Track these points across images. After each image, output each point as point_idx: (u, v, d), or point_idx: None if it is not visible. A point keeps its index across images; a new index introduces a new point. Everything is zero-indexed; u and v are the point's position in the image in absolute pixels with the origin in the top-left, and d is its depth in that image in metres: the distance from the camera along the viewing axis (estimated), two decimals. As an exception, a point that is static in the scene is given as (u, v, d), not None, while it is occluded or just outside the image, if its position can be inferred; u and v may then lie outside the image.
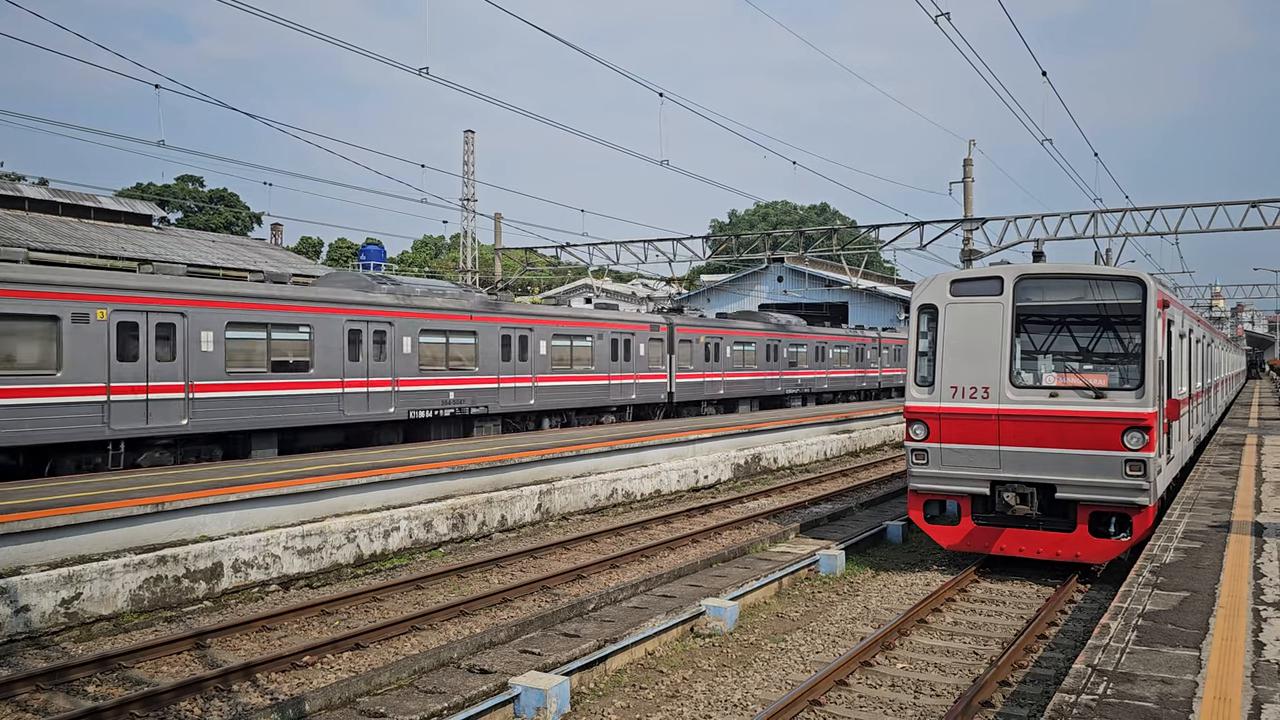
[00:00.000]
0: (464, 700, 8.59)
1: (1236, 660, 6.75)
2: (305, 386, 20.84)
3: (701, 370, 34.87)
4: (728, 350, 36.41)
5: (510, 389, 26.49)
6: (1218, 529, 11.71)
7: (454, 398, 24.63)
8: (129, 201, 48.86)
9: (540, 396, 27.61)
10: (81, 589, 10.99)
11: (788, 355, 41.07)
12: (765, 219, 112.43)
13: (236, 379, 19.45)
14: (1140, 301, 12.69)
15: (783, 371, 40.60)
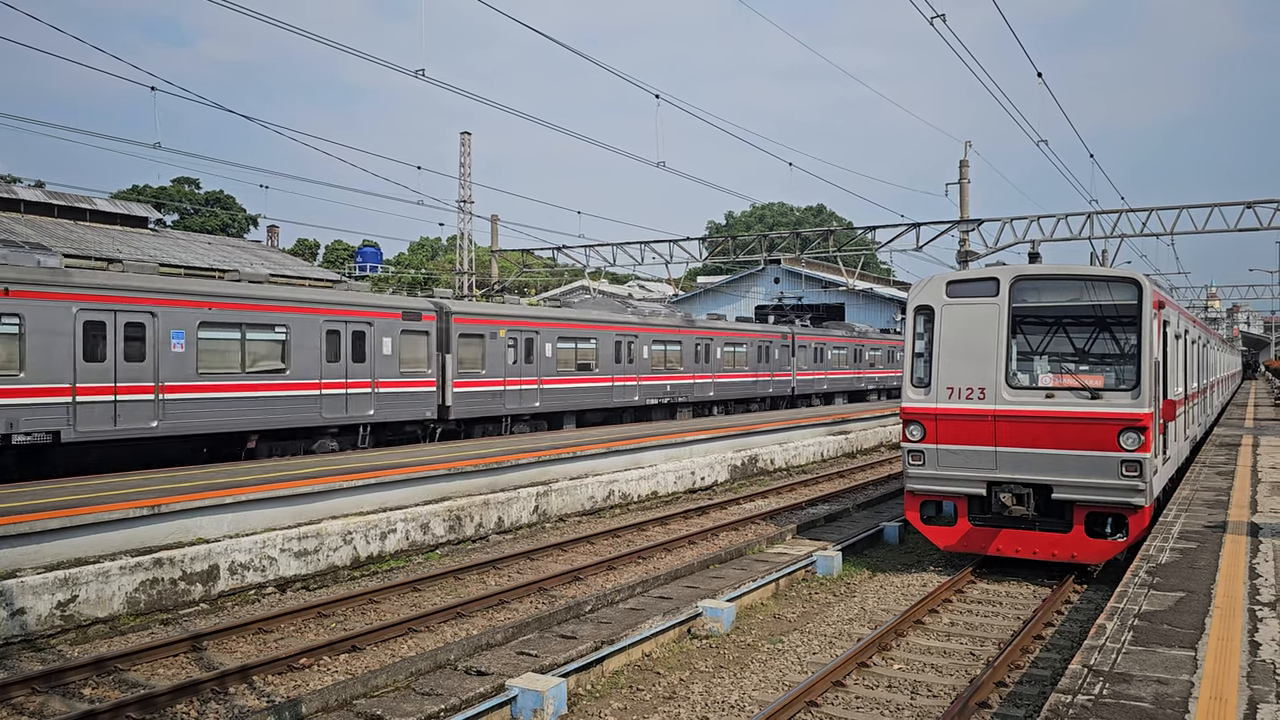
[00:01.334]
0: (461, 702, 8.58)
1: (1232, 660, 6.76)
2: None
3: (812, 369, 44.96)
4: (828, 354, 46.79)
5: (698, 384, 35.81)
6: (1213, 529, 11.73)
7: (670, 390, 34.08)
8: (125, 204, 48.81)
9: (717, 389, 37.06)
10: (77, 591, 10.98)
11: (868, 358, 51.86)
12: (762, 220, 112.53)
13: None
14: (1136, 302, 12.71)
15: (862, 370, 51.11)
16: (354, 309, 22.49)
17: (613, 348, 30.94)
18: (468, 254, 57.62)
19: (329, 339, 21.74)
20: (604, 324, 30.90)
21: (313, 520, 14.14)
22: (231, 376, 19.74)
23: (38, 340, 16.73)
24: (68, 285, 17.32)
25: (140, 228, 45.32)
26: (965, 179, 33.36)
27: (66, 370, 17.10)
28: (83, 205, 42.84)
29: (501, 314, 26.90)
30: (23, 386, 16.57)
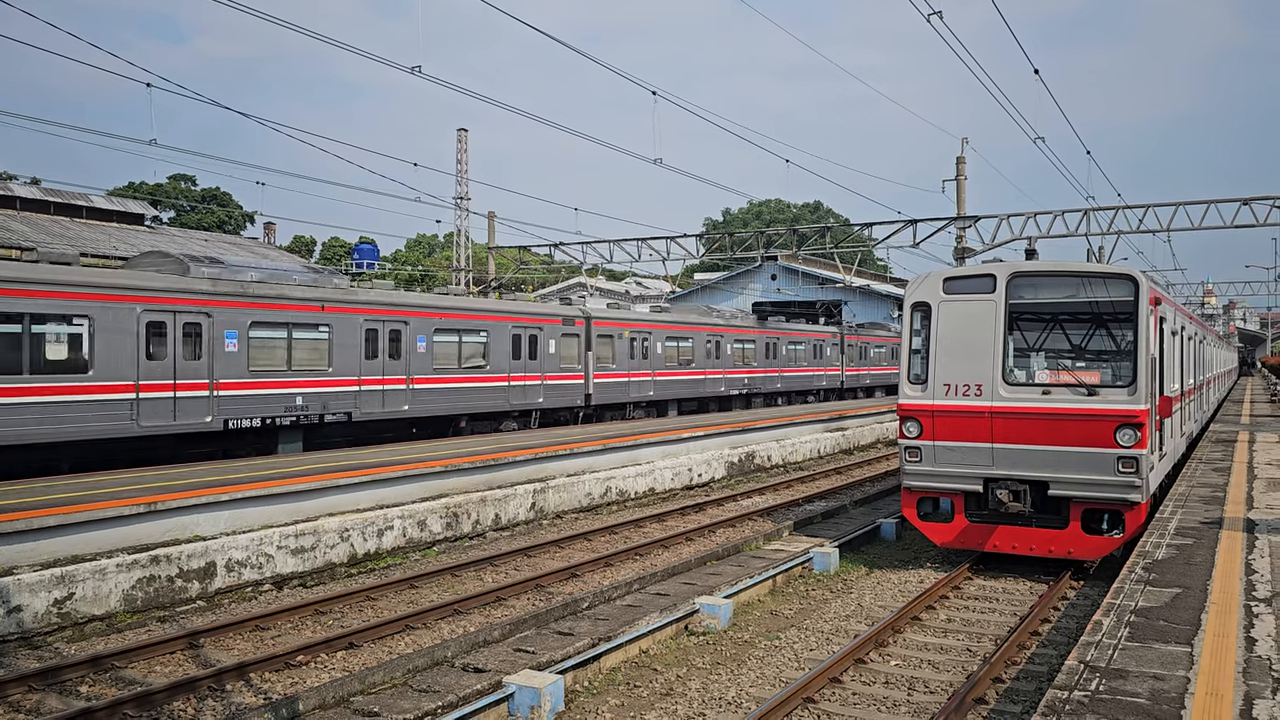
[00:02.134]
0: (458, 699, 8.59)
1: (1228, 656, 6.77)
2: None
3: (857, 365, 49.17)
4: (870, 351, 50.93)
5: (769, 377, 40.51)
6: (1210, 525, 11.75)
7: (747, 382, 38.40)
8: (121, 201, 48.76)
9: (784, 382, 42.02)
10: (74, 589, 10.97)
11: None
12: (759, 217, 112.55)
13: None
14: (1132, 299, 12.72)
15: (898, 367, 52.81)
16: (531, 317, 27.66)
17: (704, 346, 35.78)
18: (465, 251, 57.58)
19: (514, 341, 26.80)
20: (698, 325, 35.56)
21: (309, 517, 14.13)
22: (452, 371, 24.84)
23: (339, 343, 21.82)
24: (354, 301, 22.37)
25: (137, 224, 45.27)
26: (962, 176, 33.35)
27: (355, 366, 22.21)
28: (79, 202, 42.80)
29: (626, 318, 32.35)
30: (330, 379, 21.61)
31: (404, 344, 23.40)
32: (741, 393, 38.43)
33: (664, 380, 33.39)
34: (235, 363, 19.71)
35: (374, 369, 22.73)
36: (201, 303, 19.09)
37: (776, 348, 41.37)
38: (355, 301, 22.36)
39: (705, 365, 35.76)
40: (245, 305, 19.90)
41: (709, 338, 36.05)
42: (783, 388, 42.08)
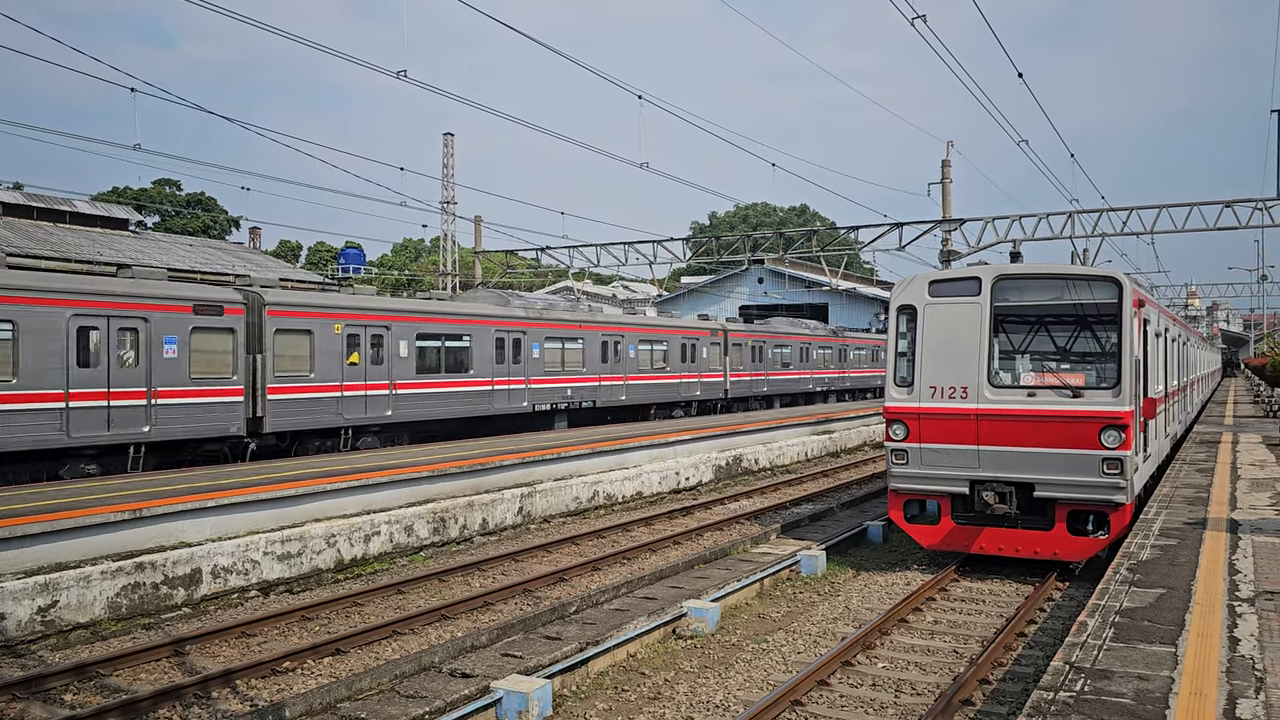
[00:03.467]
0: (446, 704, 8.56)
1: (1212, 656, 6.81)
2: None
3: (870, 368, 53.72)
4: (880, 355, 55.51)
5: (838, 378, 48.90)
6: (1194, 526, 11.82)
7: (826, 381, 47.60)
8: (105, 205, 48.47)
9: (852, 381, 50.51)
10: (58, 596, 10.89)
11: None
12: (745, 221, 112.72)
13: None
14: (1116, 301, 12.79)
15: None
16: (690, 330, 36.55)
17: (799, 352, 45.00)
18: (451, 255, 57.49)
19: (682, 349, 35.31)
20: (795, 335, 44.78)
21: (296, 523, 14.08)
22: (649, 371, 32.74)
23: (479, 349, 26.06)
24: (487, 315, 26.39)
25: (121, 230, 45.03)
26: (947, 179, 33.51)
27: (489, 367, 26.36)
28: (62, 207, 42.52)
29: (746, 330, 40.79)
30: (468, 379, 25.74)
31: (524, 350, 27.66)
32: (819, 390, 47.53)
33: (772, 379, 42.39)
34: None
35: (506, 371, 27.11)
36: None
37: (846, 352, 50.78)
38: (489, 316, 26.61)
39: (800, 367, 45.29)
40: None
41: (802, 345, 45.63)
42: (852, 385, 51.17)
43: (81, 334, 17.45)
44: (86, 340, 17.57)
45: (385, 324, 23.21)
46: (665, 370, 34.20)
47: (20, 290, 16.71)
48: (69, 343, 17.23)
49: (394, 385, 23.33)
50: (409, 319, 23.80)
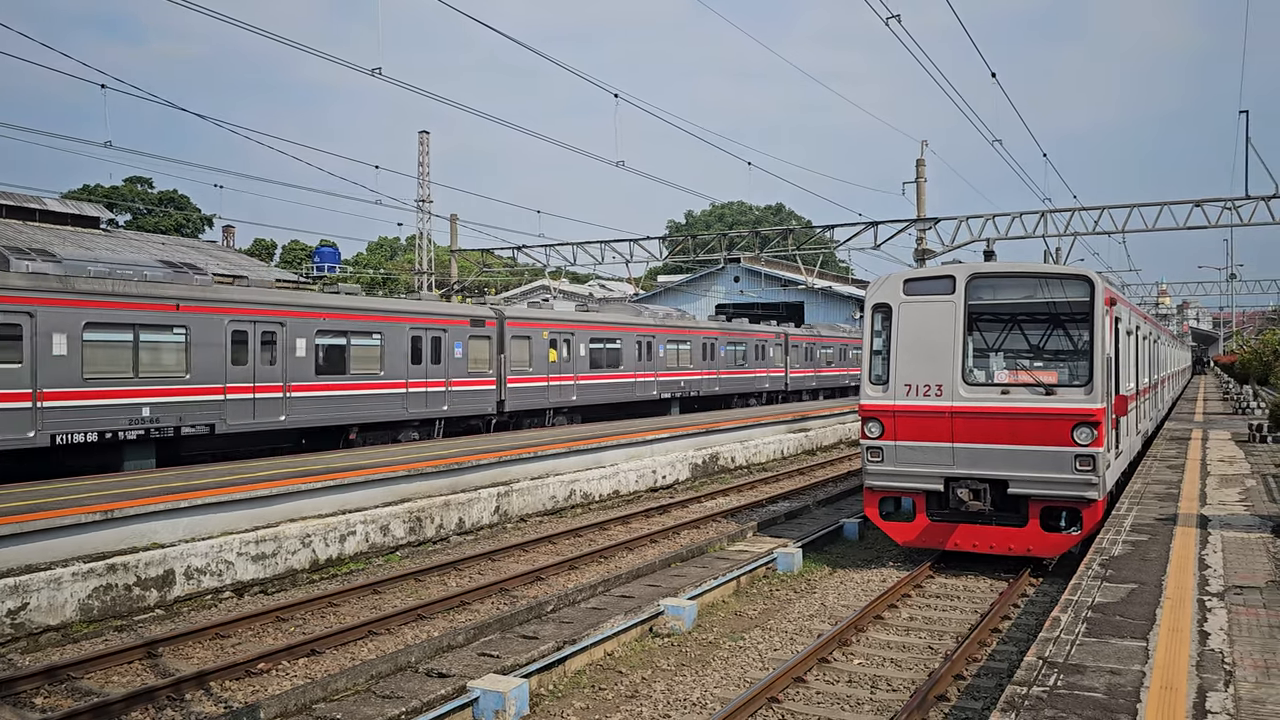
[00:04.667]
0: (422, 704, 8.54)
1: (1182, 650, 6.90)
2: None
3: None
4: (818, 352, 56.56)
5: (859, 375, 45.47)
6: (1164, 522, 11.96)
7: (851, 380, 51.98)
8: (76, 203, 47.93)
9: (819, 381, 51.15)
10: (28, 599, 10.76)
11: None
12: (721, 219, 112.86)
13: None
14: (1088, 299, 12.91)
15: None
16: (762, 334, 43.00)
17: (838, 352, 51.48)
18: (427, 254, 57.23)
19: (757, 350, 42.07)
20: (835, 338, 51.19)
21: (270, 523, 13.98)
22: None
23: (626, 350, 32.02)
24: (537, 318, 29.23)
25: (92, 228, 44.54)
26: (922, 178, 33.70)
27: (633, 364, 32.17)
28: (32, 205, 42.01)
29: (800, 333, 47.50)
30: (619, 373, 31.93)
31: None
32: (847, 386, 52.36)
33: (821, 375, 49.44)
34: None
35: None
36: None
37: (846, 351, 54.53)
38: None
39: (841, 365, 52.06)
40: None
41: (840, 347, 52.14)
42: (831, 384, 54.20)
43: (415, 341, 24.57)
44: (419, 345, 24.69)
45: (571, 331, 30.22)
46: (744, 367, 41.61)
47: (385, 311, 24.31)
48: (408, 347, 24.34)
49: (577, 378, 30.45)
50: (586, 327, 31.16)
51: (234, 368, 20.17)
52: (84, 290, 17.79)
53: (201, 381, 19.53)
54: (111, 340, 18.16)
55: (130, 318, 18.40)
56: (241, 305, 20.53)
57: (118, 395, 18.22)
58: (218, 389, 19.79)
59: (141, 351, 18.57)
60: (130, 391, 18.40)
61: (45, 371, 17.03)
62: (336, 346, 22.61)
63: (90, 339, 17.74)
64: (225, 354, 20.00)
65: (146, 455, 19.01)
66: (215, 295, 20.21)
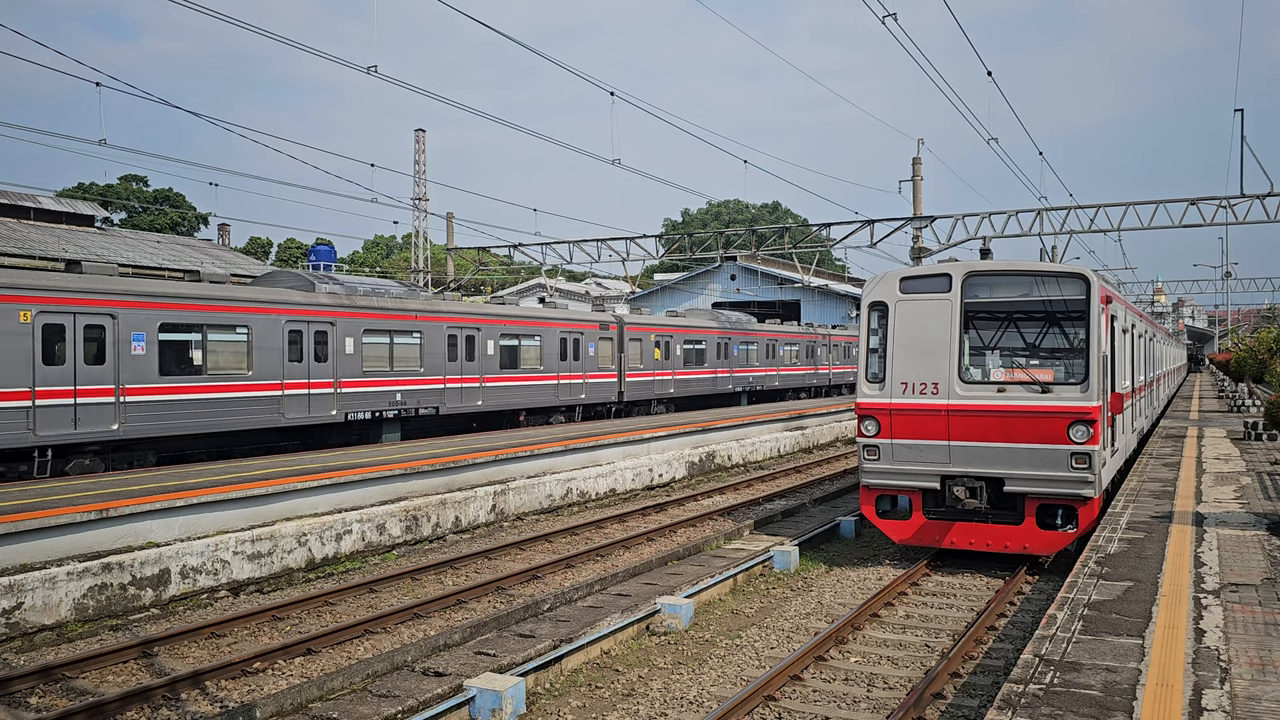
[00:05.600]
0: (418, 703, 8.52)
1: (1178, 647, 6.90)
2: None
3: None
4: None
5: None
6: (1160, 520, 11.97)
7: None
8: (70, 202, 47.79)
9: None
10: (23, 598, 10.74)
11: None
12: (718, 218, 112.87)
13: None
14: (1084, 298, 12.92)
15: None
16: (811, 335, 48.38)
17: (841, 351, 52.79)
18: (423, 252, 57.18)
19: (808, 349, 47.20)
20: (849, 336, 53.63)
21: (266, 522, 13.96)
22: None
23: (709, 349, 38.40)
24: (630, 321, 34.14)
25: (87, 226, 44.42)
26: (918, 176, 33.71)
27: (714, 362, 38.80)
28: (26, 203, 41.86)
29: (841, 334, 52.10)
30: (704, 369, 38.65)
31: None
32: None
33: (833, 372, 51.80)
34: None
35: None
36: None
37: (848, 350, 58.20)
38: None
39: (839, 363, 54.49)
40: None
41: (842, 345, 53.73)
42: None
43: (563, 343, 30.21)
44: (566, 346, 30.40)
45: (670, 334, 36.03)
46: (798, 364, 47.09)
47: (545, 318, 29.78)
48: (558, 348, 29.98)
49: (675, 373, 36.28)
50: (681, 330, 36.76)
51: (449, 363, 25.79)
52: (361, 305, 23.36)
53: (431, 374, 25.25)
54: (378, 342, 23.74)
55: (389, 325, 24.05)
56: (452, 315, 26.10)
57: (382, 384, 23.82)
58: (439, 380, 25.53)
59: (395, 350, 24.19)
60: (389, 381, 23.95)
61: (341, 366, 22.58)
62: (512, 347, 28.27)
63: (367, 341, 23.37)
64: (445, 353, 25.56)
65: (395, 430, 24.40)
66: (436, 307, 25.68)
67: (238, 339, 20.43)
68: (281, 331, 21.16)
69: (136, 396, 18.45)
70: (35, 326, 16.72)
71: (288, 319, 21.34)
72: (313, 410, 21.98)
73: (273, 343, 21.01)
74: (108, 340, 18.04)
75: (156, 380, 18.65)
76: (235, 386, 20.20)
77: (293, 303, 21.70)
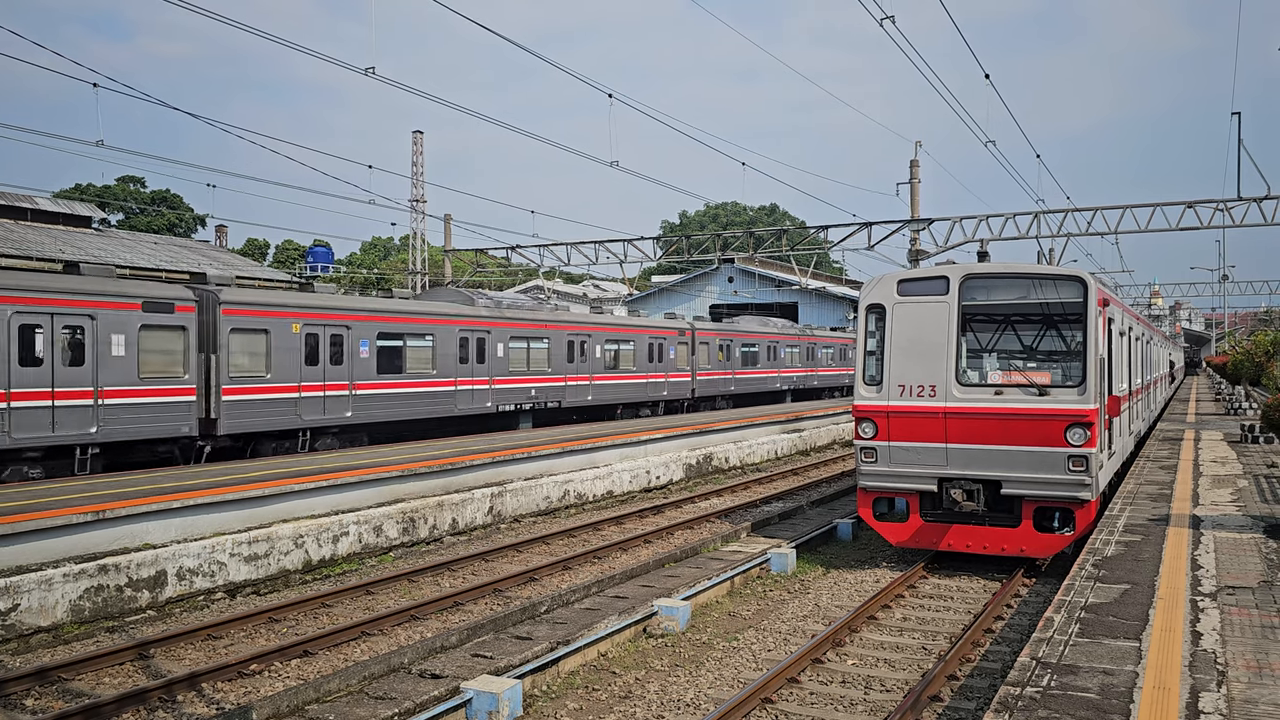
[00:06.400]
0: (415, 706, 8.51)
1: (1175, 650, 6.90)
2: None
3: None
4: None
5: None
6: (1157, 522, 11.98)
7: None
8: (67, 203, 47.76)
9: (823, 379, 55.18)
10: (19, 600, 10.72)
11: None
12: (715, 220, 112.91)
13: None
14: (1081, 300, 12.93)
15: None
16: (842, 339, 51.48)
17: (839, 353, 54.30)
18: (421, 254, 57.16)
19: (840, 353, 49.36)
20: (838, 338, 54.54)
21: (263, 524, 13.94)
22: None
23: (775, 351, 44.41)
24: None
25: (84, 227, 44.38)
26: (916, 179, 33.75)
27: (716, 365, 40.28)
28: (23, 204, 41.82)
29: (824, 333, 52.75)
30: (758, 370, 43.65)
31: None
32: None
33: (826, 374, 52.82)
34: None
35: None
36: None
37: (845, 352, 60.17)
38: None
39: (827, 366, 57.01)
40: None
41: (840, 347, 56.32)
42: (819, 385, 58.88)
43: (649, 347, 35.30)
44: (653, 350, 35.44)
45: (730, 339, 41.25)
46: (832, 365, 51.18)
47: (636, 326, 35.36)
48: (647, 351, 35.10)
49: (734, 373, 41.56)
50: (737, 335, 42.04)
51: (568, 364, 30.93)
52: (508, 315, 28.52)
53: (555, 373, 30.48)
54: (519, 347, 28.94)
55: (526, 333, 29.18)
56: (569, 323, 31.38)
57: (523, 381, 29.21)
58: (561, 379, 30.81)
59: (531, 353, 29.47)
60: (526, 379, 29.33)
61: (493, 366, 27.68)
62: (614, 351, 33.55)
63: (512, 346, 28.46)
64: (565, 355, 30.85)
65: (527, 420, 29.87)
66: (559, 317, 31.12)
67: (425, 345, 25.53)
68: (455, 339, 26.47)
69: (362, 390, 23.39)
70: (301, 336, 21.85)
71: (460, 328, 26.69)
72: (474, 403, 27.37)
73: (450, 348, 26.27)
74: (345, 347, 22.91)
75: (375, 378, 23.78)
76: (424, 383, 25.50)
77: (462, 314, 27.13)
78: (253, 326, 20.50)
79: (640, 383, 34.76)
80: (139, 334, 18.37)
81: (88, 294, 17.74)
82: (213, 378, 19.75)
